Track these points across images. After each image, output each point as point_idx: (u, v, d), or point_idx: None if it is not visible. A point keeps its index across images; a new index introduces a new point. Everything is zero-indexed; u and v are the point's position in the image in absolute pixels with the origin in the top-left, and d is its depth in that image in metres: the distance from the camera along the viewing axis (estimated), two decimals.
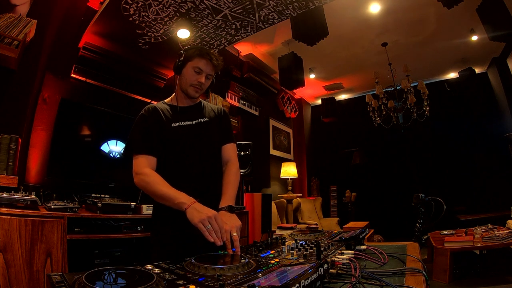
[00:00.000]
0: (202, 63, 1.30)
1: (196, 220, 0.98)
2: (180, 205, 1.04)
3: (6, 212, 1.53)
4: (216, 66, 1.33)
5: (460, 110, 5.49)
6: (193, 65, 1.30)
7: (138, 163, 1.19)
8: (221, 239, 0.96)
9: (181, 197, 1.06)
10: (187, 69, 1.32)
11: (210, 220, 0.98)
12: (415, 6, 3.68)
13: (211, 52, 1.32)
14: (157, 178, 1.14)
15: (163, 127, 1.27)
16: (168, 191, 1.09)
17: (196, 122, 1.34)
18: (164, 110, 1.32)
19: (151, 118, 1.28)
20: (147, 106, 1.33)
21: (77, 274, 0.57)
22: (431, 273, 2.95)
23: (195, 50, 1.31)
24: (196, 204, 1.03)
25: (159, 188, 1.11)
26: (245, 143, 3.66)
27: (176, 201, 1.05)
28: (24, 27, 2.08)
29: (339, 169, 6.59)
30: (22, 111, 2.22)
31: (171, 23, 2.33)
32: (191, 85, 1.32)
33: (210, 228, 0.97)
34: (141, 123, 1.27)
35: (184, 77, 1.33)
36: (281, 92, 5.81)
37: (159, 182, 1.12)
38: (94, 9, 2.66)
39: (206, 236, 0.95)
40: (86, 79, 2.61)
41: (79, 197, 2.29)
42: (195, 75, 1.31)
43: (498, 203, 4.66)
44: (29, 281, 1.53)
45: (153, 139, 1.23)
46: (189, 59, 1.31)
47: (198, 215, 0.99)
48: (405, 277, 0.71)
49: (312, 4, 2.20)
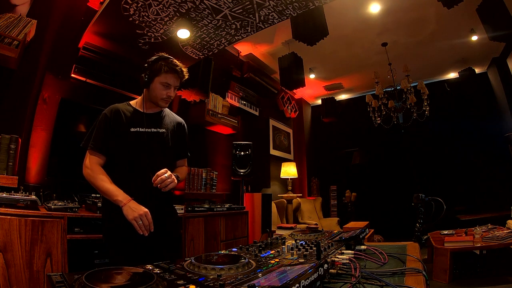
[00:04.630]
0: (170, 78, 1.36)
1: (130, 217, 1.20)
2: (117, 202, 1.23)
3: (6, 212, 1.53)
4: (182, 78, 1.41)
5: (460, 110, 5.49)
6: (161, 80, 1.36)
7: (90, 159, 1.34)
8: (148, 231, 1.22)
9: (119, 195, 1.24)
10: (155, 84, 1.37)
11: (142, 217, 1.20)
12: (415, 6, 3.68)
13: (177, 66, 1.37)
14: (103, 175, 1.31)
15: (121, 130, 1.36)
16: (109, 188, 1.27)
17: (154, 131, 1.42)
18: (126, 112, 1.40)
19: (112, 119, 1.37)
20: (111, 107, 1.41)
21: (77, 274, 0.57)
22: (431, 273, 2.95)
23: (161, 65, 1.35)
24: (131, 203, 1.23)
25: (102, 184, 1.28)
26: (245, 143, 3.66)
27: (115, 197, 1.24)
28: (24, 27, 2.08)
29: (339, 169, 6.58)
30: (22, 111, 2.22)
31: (171, 23, 2.33)
32: (161, 99, 1.39)
33: (141, 223, 1.20)
34: (102, 123, 1.37)
35: (153, 91, 1.38)
36: (281, 92, 5.81)
37: (103, 179, 1.29)
38: (94, 9, 2.66)
39: (137, 230, 1.20)
40: (86, 79, 2.61)
41: (79, 197, 2.29)
42: (164, 89, 1.37)
43: (498, 203, 4.66)
44: (29, 281, 1.53)
45: (108, 140, 1.36)
46: (156, 74, 1.35)
47: (132, 213, 1.20)
48: (405, 277, 0.71)
49: (312, 4, 2.19)
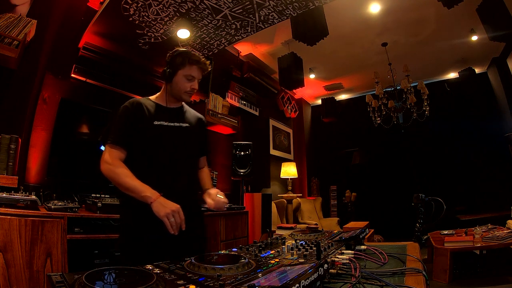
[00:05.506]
0: (194, 71, 1.33)
1: (162, 213, 1.09)
2: (145, 198, 1.13)
3: (6, 212, 1.53)
4: (206, 70, 1.37)
5: (460, 110, 5.49)
6: (184, 73, 1.33)
7: (110, 153, 1.24)
8: (179, 230, 1.10)
9: (147, 191, 1.14)
10: (179, 77, 1.34)
11: (174, 213, 1.09)
12: (415, 6, 3.68)
13: (200, 57, 1.35)
14: (126, 170, 1.20)
15: (145, 123, 1.30)
16: (135, 184, 1.16)
17: (177, 125, 1.37)
18: (148, 106, 1.35)
19: (134, 112, 1.30)
20: (132, 100, 1.35)
21: (77, 274, 0.57)
22: (431, 273, 2.95)
23: (184, 57, 1.32)
24: (161, 199, 1.13)
25: (126, 180, 1.18)
26: (245, 143, 3.66)
27: (142, 194, 1.13)
28: (24, 27, 2.08)
29: (339, 169, 6.58)
30: (22, 111, 2.22)
31: (171, 23, 2.33)
32: (185, 92, 1.35)
33: (173, 220, 1.08)
34: (123, 115, 1.30)
35: (177, 85, 1.35)
36: (281, 92, 5.81)
37: (127, 175, 1.19)
38: (94, 9, 2.66)
39: (168, 228, 1.08)
40: (86, 79, 2.61)
41: (79, 197, 2.28)
42: (188, 82, 1.34)
43: (498, 203, 4.66)
44: (29, 281, 1.53)
45: (131, 133, 1.27)
46: (180, 67, 1.33)
47: (164, 209, 1.09)
48: (405, 277, 0.71)
49: (312, 4, 2.20)
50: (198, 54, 1.36)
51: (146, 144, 1.29)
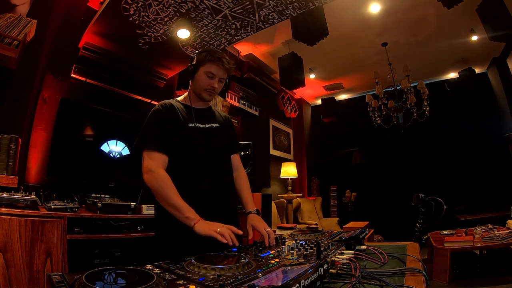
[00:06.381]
0: (214, 68, 1.29)
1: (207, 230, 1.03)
2: (187, 219, 1.07)
3: (6, 212, 1.53)
4: (228, 69, 1.33)
5: (460, 110, 5.49)
6: (205, 70, 1.30)
7: (152, 160, 1.18)
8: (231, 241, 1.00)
9: (189, 213, 1.08)
10: (200, 74, 1.31)
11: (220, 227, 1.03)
12: (415, 6, 3.68)
13: (223, 56, 1.31)
14: (170, 183, 1.14)
15: (181, 126, 1.26)
16: (178, 202, 1.10)
17: (208, 126, 1.35)
18: (179, 108, 1.32)
19: (168, 114, 1.26)
20: (163, 102, 1.32)
21: (77, 274, 0.57)
22: (431, 273, 2.95)
23: (206, 54, 1.30)
24: (202, 221, 1.07)
25: (170, 195, 1.12)
26: (245, 143, 3.66)
27: (185, 215, 1.08)
28: (24, 27, 2.07)
29: (339, 169, 6.58)
30: (22, 111, 2.22)
31: (171, 23, 2.33)
32: (204, 90, 1.32)
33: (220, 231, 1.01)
34: (157, 118, 1.25)
35: (197, 81, 1.33)
36: (281, 92, 5.81)
37: (171, 188, 1.13)
38: (94, 9, 2.66)
39: (220, 239, 0.99)
40: (86, 79, 2.61)
41: (79, 197, 2.29)
42: (208, 79, 1.30)
43: (498, 203, 4.66)
44: (29, 281, 1.53)
45: (168, 136, 1.22)
46: (201, 64, 1.30)
47: (208, 226, 1.04)
48: (405, 277, 0.71)
49: (312, 4, 2.19)
50: (222, 53, 1.33)
51: (184, 148, 1.24)
